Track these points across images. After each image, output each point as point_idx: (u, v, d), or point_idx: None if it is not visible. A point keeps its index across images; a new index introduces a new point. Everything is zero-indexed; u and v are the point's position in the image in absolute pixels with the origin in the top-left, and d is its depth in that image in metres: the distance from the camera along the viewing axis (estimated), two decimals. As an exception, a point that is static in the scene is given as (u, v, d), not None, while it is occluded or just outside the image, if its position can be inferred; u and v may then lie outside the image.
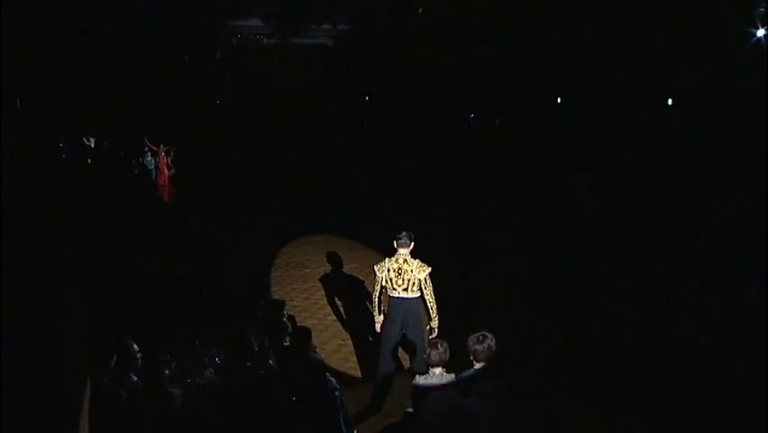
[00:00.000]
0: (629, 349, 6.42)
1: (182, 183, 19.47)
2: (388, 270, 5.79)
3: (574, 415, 4.17)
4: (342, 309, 8.44)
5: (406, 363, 6.65)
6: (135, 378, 4.17)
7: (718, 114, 13.91)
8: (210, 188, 18.03)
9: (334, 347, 7.24)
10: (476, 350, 4.68)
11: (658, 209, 12.47)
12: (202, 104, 24.00)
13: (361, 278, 9.53)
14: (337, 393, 5.15)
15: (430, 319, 5.88)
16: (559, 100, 22.18)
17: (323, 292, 9.09)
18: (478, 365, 4.73)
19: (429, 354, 4.73)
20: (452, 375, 4.75)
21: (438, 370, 4.72)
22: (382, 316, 6.08)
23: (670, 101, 18.08)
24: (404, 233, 5.79)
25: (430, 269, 5.79)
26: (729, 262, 8.58)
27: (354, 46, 24.87)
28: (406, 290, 5.77)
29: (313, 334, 5.41)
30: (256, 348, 4.80)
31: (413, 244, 5.80)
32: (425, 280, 5.74)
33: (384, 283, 5.85)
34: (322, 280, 9.62)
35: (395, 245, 5.81)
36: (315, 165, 20.29)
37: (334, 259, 10.46)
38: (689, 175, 13.55)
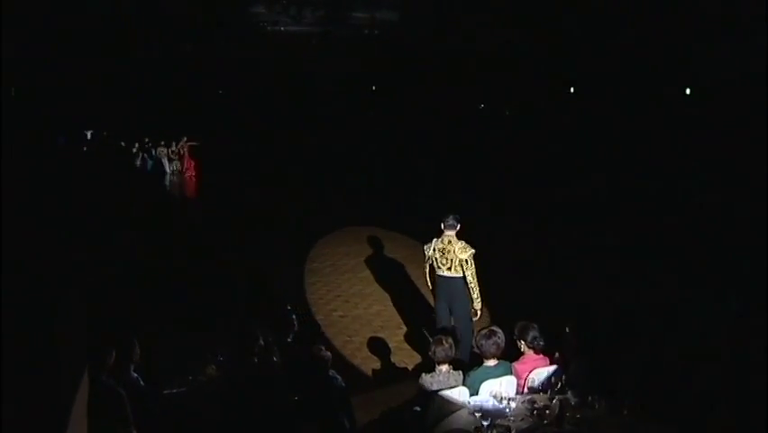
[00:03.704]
0: (645, 346, 6.42)
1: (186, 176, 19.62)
2: (434, 249, 6.25)
3: (588, 413, 4.14)
4: (348, 305, 8.44)
5: (411, 365, 6.68)
6: (135, 375, 4.18)
7: (737, 104, 13.79)
8: (213, 182, 18.14)
9: (340, 344, 7.23)
10: (482, 345, 4.65)
11: (675, 202, 12.41)
12: (204, 94, 24.03)
13: (368, 273, 9.54)
14: (342, 392, 5.15)
15: (472, 302, 6.18)
16: (572, 90, 22.06)
17: (328, 288, 9.08)
18: (488, 362, 4.71)
19: (434, 351, 4.71)
20: (460, 373, 4.74)
21: (445, 367, 4.70)
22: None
23: (688, 90, 17.94)
24: (451, 216, 6.23)
25: (473, 251, 6.14)
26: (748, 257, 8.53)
27: (360, 34, 24.80)
28: (449, 269, 6.17)
29: (318, 329, 5.40)
30: (262, 343, 4.81)
31: (459, 226, 6.22)
32: (467, 261, 6.09)
33: (431, 262, 6.31)
34: (328, 275, 9.61)
35: (442, 227, 6.23)
36: (318, 159, 20.34)
37: (341, 254, 10.46)
38: (706, 167, 13.47)
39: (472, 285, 6.10)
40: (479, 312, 6.22)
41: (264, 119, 23.67)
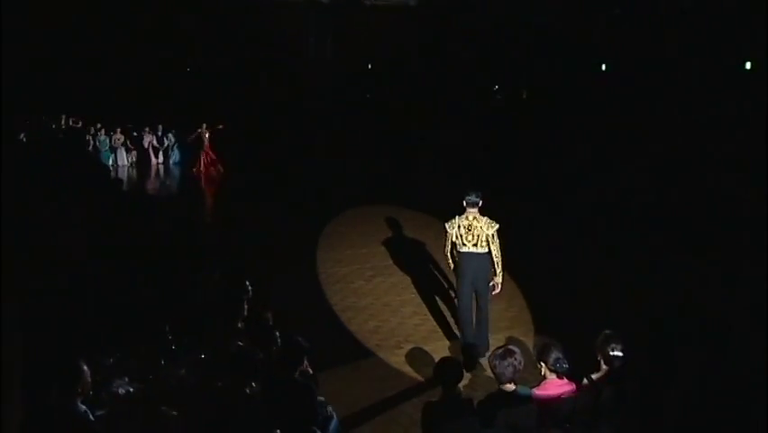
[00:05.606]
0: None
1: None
2: (459, 226, 7.13)
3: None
4: (339, 320, 8.40)
5: (414, 390, 6.65)
6: (84, 407, 4.10)
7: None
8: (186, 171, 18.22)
9: (331, 365, 7.15)
10: (496, 367, 4.60)
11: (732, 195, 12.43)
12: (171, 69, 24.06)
13: (361, 283, 9.54)
14: (332, 424, 5.11)
15: (495, 275, 7.13)
16: (604, 67, 22.08)
17: (317, 299, 9.04)
18: (505, 387, 4.66)
19: (440, 373, 4.68)
20: (470, 399, 4.70)
21: (454, 393, 4.67)
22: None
23: (749, 65, 17.88)
24: (473, 193, 7.08)
25: (498, 226, 7.07)
26: None
27: (357, 4, 24.81)
28: (475, 245, 7.08)
29: (304, 348, 5.35)
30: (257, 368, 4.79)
31: (480, 202, 7.09)
32: (493, 236, 7.05)
33: (454, 239, 7.17)
34: (317, 284, 9.59)
35: (464, 204, 7.10)
36: (306, 144, 20.44)
37: (332, 260, 10.43)
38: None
39: (497, 259, 7.07)
40: (499, 285, 7.18)
41: (239, 97, 23.74)
